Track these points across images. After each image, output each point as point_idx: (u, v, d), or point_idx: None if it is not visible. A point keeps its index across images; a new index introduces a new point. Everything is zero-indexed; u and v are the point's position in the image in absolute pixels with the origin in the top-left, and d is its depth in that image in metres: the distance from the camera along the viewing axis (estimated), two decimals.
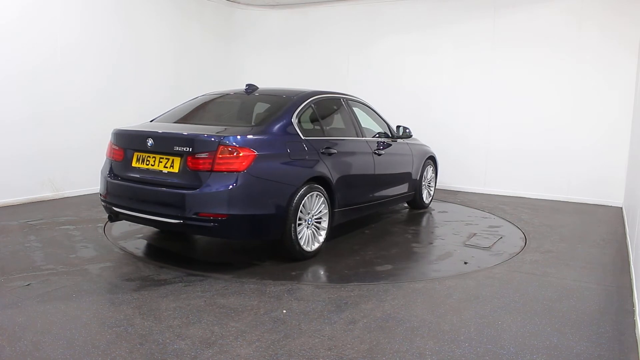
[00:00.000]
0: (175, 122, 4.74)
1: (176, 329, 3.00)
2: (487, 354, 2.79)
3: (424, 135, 7.37)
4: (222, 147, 3.85)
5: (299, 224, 4.28)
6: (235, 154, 3.87)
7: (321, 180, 4.52)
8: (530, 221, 6.20)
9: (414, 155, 6.35)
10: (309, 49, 9.48)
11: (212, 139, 3.90)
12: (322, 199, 4.51)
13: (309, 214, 4.40)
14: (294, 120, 4.50)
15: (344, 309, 3.36)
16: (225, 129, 4.25)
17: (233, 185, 3.83)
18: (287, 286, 3.77)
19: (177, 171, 3.99)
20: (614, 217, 6.65)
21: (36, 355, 2.65)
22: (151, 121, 5.02)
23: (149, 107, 7.07)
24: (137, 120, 5.77)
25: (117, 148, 4.42)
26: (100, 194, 4.56)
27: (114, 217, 4.47)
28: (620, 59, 7.14)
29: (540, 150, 7.73)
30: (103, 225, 5.40)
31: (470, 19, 8.08)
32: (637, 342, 3.00)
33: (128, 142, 4.35)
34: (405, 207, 6.92)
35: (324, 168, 4.54)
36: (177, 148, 4.00)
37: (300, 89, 5.22)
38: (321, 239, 4.56)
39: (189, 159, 3.93)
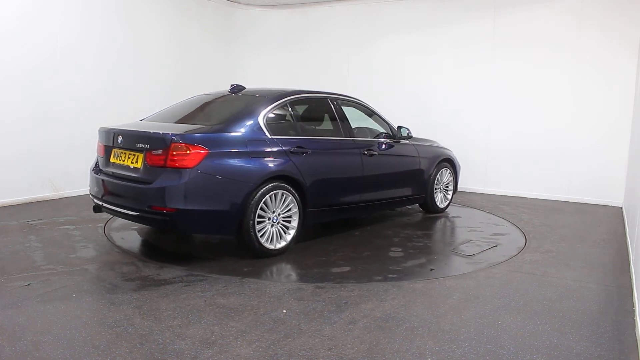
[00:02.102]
0: (156, 121, 4.91)
1: (176, 329, 3.00)
2: (487, 354, 2.79)
3: (424, 136, 7.36)
4: (174, 144, 4.04)
5: (261, 222, 4.34)
6: (185, 151, 4.03)
7: (289, 179, 4.53)
8: (530, 221, 6.20)
9: (422, 157, 6.12)
10: (309, 49, 9.48)
11: (165, 137, 4.10)
12: (291, 197, 4.53)
13: (273, 212, 4.43)
14: (260, 119, 4.54)
15: (344, 309, 3.36)
16: (192, 127, 4.41)
17: (182, 181, 3.99)
18: (287, 286, 3.77)
19: (139, 167, 4.23)
20: (614, 217, 6.65)
21: (36, 355, 2.65)
22: (141, 120, 5.20)
23: (149, 107, 7.05)
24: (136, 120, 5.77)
25: (101, 145, 4.74)
26: (89, 187, 4.87)
27: (97, 208, 4.72)
28: (620, 59, 7.14)
29: (541, 150, 7.73)
30: (103, 225, 5.41)
31: (470, 19, 8.08)
32: (637, 342, 3.01)
33: (107, 139, 4.62)
34: (420, 211, 6.65)
35: (292, 167, 4.54)
36: (138, 145, 4.26)
37: (283, 89, 5.24)
38: (289, 237, 4.57)
39: (148, 155, 4.16)
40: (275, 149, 4.48)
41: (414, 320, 3.22)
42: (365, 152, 5.33)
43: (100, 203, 4.59)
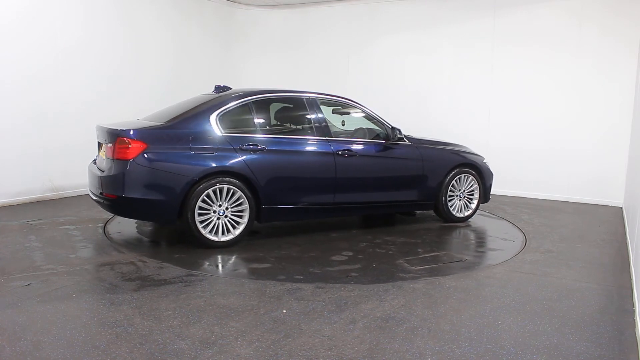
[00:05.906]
0: (146, 120, 5.13)
1: (176, 329, 3.00)
2: (487, 354, 2.79)
3: (431, 137, 7.23)
4: (119, 138, 4.48)
5: (205, 214, 4.57)
6: (127, 145, 4.45)
7: (238, 175, 4.66)
8: (530, 221, 6.19)
9: (428, 160, 5.69)
10: (309, 49, 9.47)
11: (113, 132, 4.56)
12: (240, 193, 4.65)
13: (220, 206, 4.62)
14: (213, 117, 4.78)
15: (344, 309, 3.36)
16: (148, 124, 4.80)
17: (123, 171, 4.44)
18: (287, 286, 3.77)
19: (105, 158, 4.71)
20: (614, 217, 6.65)
21: (36, 355, 2.65)
22: (137, 119, 5.38)
23: (149, 107, 7.04)
24: None
25: (97, 140, 5.16)
26: None
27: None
28: (620, 59, 7.14)
29: (541, 150, 7.73)
30: (103, 225, 5.41)
31: (470, 19, 8.08)
32: (637, 342, 3.01)
33: (97, 135, 5.07)
34: (437, 219, 6.12)
35: (241, 164, 4.67)
36: (102, 139, 4.78)
37: (254, 88, 5.30)
38: (237, 232, 4.71)
39: (107, 148, 4.65)
40: (223, 146, 4.68)
41: (414, 320, 3.22)
42: (340, 153, 5.17)
43: (88, 191, 5.08)
